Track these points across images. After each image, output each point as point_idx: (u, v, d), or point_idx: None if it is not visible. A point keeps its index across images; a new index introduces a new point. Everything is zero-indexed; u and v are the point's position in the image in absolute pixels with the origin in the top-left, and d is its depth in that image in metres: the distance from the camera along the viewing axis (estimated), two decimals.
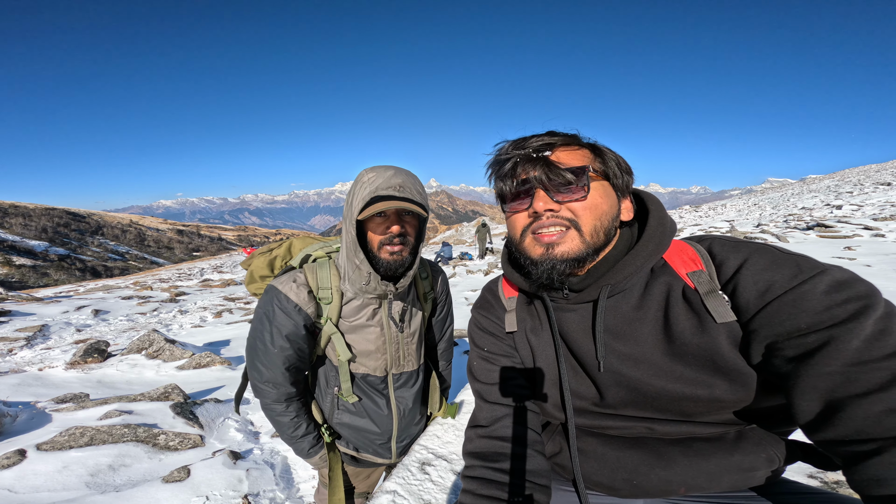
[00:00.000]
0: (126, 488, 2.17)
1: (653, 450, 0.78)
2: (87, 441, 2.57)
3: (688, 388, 0.70)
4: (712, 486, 0.75)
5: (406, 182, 1.15)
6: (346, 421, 1.40)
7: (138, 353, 5.05)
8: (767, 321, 0.61)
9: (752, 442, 0.74)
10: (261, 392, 1.30)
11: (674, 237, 0.78)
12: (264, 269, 1.50)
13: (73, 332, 6.99)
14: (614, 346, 0.77)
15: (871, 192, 18.67)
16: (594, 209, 0.73)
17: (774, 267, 0.63)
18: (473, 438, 0.86)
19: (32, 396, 3.72)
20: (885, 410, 0.50)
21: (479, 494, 0.76)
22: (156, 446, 2.65)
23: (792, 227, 10.84)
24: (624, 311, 0.76)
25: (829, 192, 24.01)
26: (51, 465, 2.31)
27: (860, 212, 12.56)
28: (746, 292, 0.64)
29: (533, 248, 0.76)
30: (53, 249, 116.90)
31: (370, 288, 1.20)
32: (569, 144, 0.75)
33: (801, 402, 0.57)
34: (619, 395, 0.78)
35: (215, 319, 8.09)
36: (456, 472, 1.38)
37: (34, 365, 4.96)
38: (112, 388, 4.15)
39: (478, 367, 0.93)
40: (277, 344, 1.22)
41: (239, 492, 2.23)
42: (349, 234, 1.16)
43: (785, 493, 0.75)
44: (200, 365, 4.71)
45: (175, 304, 9.97)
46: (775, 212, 18.24)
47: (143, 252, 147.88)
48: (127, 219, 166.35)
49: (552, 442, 0.90)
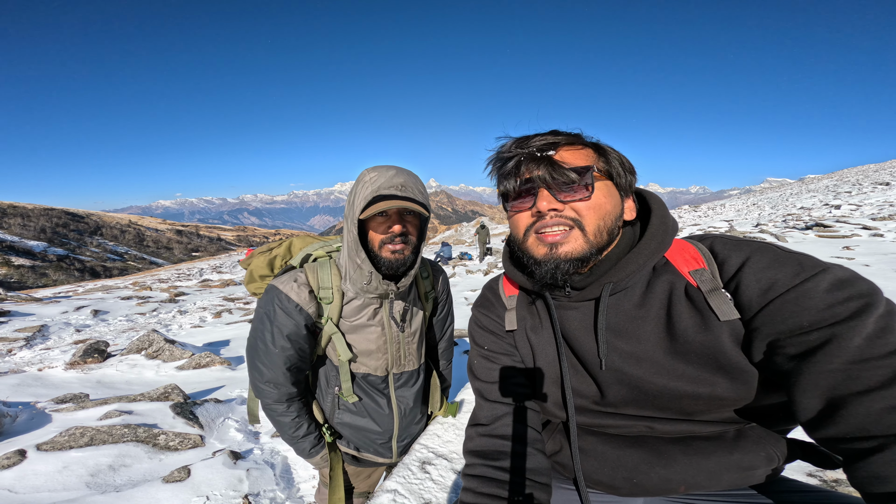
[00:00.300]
0: (126, 488, 2.17)
1: (653, 448, 0.78)
2: (88, 441, 2.57)
3: (689, 386, 0.70)
4: (712, 484, 0.75)
5: (408, 182, 1.15)
6: (347, 420, 1.40)
7: (138, 353, 5.05)
8: (770, 319, 0.61)
9: (751, 440, 0.74)
10: (262, 392, 1.29)
11: (675, 236, 0.78)
12: (264, 268, 1.50)
13: (73, 333, 6.98)
14: (616, 344, 0.77)
15: (870, 192, 18.71)
16: (598, 209, 0.73)
17: (777, 265, 0.64)
18: (474, 437, 0.86)
19: (32, 397, 3.71)
20: (886, 408, 0.50)
21: (479, 493, 0.76)
22: (156, 446, 2.64)
23: (791, 226, 10.86)
24: (626, 308, 0.76)
25: (828, 192, 24.05)
26: (51, 465, 2.30)
27: (858, 211, 12.59)
28: (749, 290, 0.65)
29: (536, 248, 0.76)
30: (52, 250, 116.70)
31: (371, 287, 1.20)
32: (572, 144, 0.74)
33: (803, 400, 0.57)
34: (621, 393, 0.78)
35: (215, 319, 8.08)
36: (456, 471, 1.38)
37: (34, 365, 4.95)
38: (112, 388, 4.15)
39: (478, 365, 0.93)
40: (278, 344, 1.22)
41: (239, 492, 2.23)
42: (351, 234, 1.16)
43: (784, 492, 0.76)
44: (200, 365, 4.70)
45: (174, 305, 9.95)
46: (774, 211, 18.26)
47: (142, 252, 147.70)
48: (126, 219, 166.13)
49: (552, 440, 0.90)
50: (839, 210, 13.59)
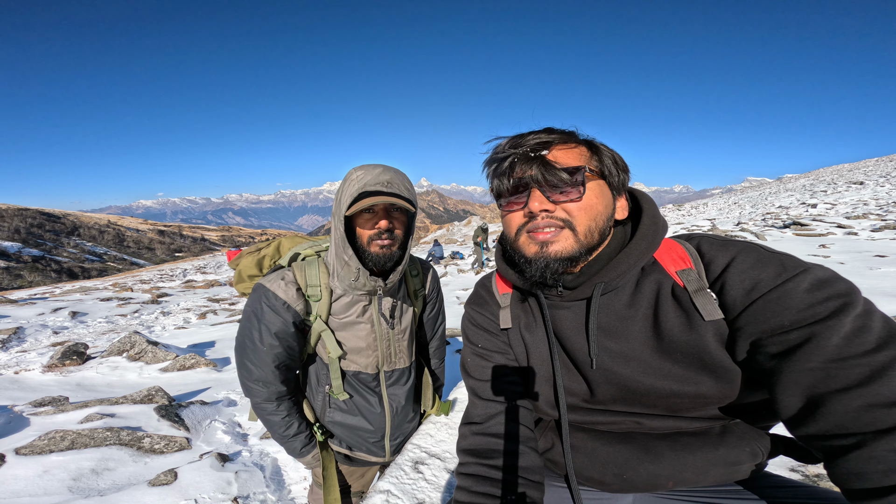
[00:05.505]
0: (111, 492, 2.12)
1: (641, 444, 0.79)
2: (68, 445, 2.50)
3: (675, 385, 0.72)
4: (699, 479, 0.76)
5: (394, 178, 1.16)
6: (339, 419, 1.39)
7: (119, 355, 4.92)
8: (753, 318, 0.63)
9: (736, 436, 0.76)
10: (251, 391, 1.29)
11: (665, 236, 0.80)
12: (253, 268, 1.49)
13: (50, 335, 6.77)
14: (606, 344, 0.78)
15: (845, 192, 19.28)
16: (589, 210, 0.73)
17: (760, 265, 0.65)
18: (468, 435, 0.87)
19: (9, 400, 3.59)
20: (863, 405, 0.51)
21: (474, 491, 0.77)
22: (140, 449, 2.59)
23: (770, 225, 11.12)
24: (616, 308, 0.77)
25: (805, 191, 24.70)
26: (31, 469, 2.24)
27: (834, 210, 12.96)
28: (733, 290, 0.66)
29: (527, 247, 0.76)
30: (27, 251, 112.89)
31: (359, 284, 1.21)
32: (566, 142, 0.74)
33: (784, 398, 0.58)
34: (610, 392, 0.79)
35: (199, 321, 7.93)
36: (449, 471, 1.39)
37: (9, 368, 4.79)
38: (92, 390, 4.04)
39: (472, 363, 0.93)
40: (266, 342, 1.22)
41: (228, 494, 2.20)
42: (338, 230, 1.17)
43: (769, 487, 0.78)
44: (185, 367, 4.61)
45: (157, 306, 9.73)
46: (754, 210, 18.69)
47: (123, 253, 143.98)
48: (105, 219, 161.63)
49: (544, 438, 0.91)
50: (815, 209, 13.97)
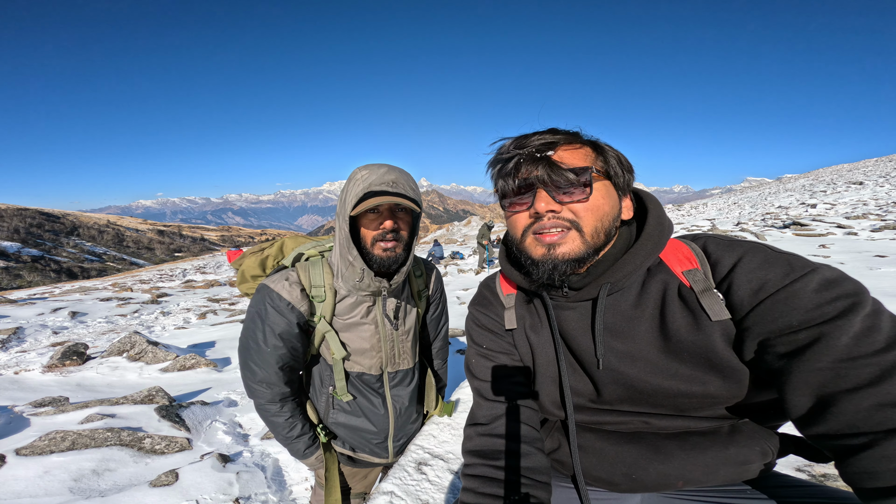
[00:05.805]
0: (112, 493, 2.12)
1: (650, 444, 0.79)
2: (69, 445, 2.49)
3: (683, 385, 0.71)
4: (709, 479, 0.76)
5: (399, 178, 1.16)
6: (342, 420, 1.39)
7: (119, 355, 4.91)
8: (760, 318, 0.63)
9: (746, 435, 0.75)
10: (254, 392, 1.28)
11: (671, 236, 0.79)
12: (256, 268, 1.48)
13: (50, 335, 6.77)
14: (612, 344, 0.77)
15: (844, 192, 19.30)
16: (596, 210, 0.73)
17: (767, 265, 0.65)
18: (473, 436, 0.86)
19: (9, 400, 3.58)
20: (874, 405, 0.51)
21: (480, 493, 0.76)
22: (141, 450, 2.58)
23: (769, 225, 11.13)
24: (622, 309, 0.77)
25: (804, 192, 24.72)
26: (31, 470, 2.24)
27: (833, 210, 12.98)
28: (741, 290, 0.66)
29: (534, 249, 0.75)
30: (26, 251, 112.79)
31: (363, 285, 1.20)
32: (571, 142, 0.74)
33: (793, 398, 0.58)
34: (617, 392, 0.79)
35: (199, 321, 7.93)
36: (453, 472, 1.39)
37: (9, 368, 4.78)
38: (92, 391, 4.04)
39: (476, 364, 0.93)
40: (270, 343, 1.21)
41: (229, 495, 2.19)
42: (342, 231, 1.16)
43: (778, 487, 0.77)
44: (185, 367, 4.61)
45: (157, 306, 9.72)
46: (754, 210, 18.70)
47: (122, 253, 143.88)
48: (104, 219, 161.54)
49: (550, 438, 0.91)
50: (815, 209, 13.98)
